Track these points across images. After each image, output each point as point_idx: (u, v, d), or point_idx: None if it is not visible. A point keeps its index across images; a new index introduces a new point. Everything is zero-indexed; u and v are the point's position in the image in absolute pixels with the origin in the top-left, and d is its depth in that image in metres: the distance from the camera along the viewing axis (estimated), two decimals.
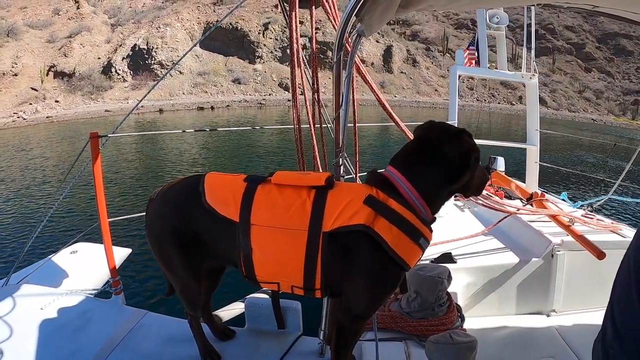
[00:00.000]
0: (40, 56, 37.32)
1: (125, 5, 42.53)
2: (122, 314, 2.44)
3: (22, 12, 43.41)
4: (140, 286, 5.18)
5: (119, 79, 34.33)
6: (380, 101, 2.25)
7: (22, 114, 33.30)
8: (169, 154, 15.11)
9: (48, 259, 3.51)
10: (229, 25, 37.70)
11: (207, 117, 28.07)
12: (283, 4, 2.05)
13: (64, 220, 8.26)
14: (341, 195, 1.31)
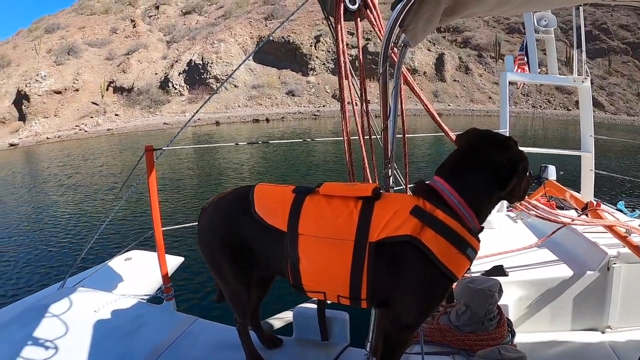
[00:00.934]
0: (100, 72, 39.95)
1: (179, 23, 45.07)
2: (173, 319, 2.56)
3: (81, 32, 46.77)
4: (191, 293, 5.36)
5: (176, 93, 36.26)
6: (428, 111, 2.28)
7: (84, 126, 35.73)
8: (223, 166, 15.55)
9: (103, 265, 3.73)
10: (282, 39, 38.96)
11: (262, 129, 28.82)
12: (329, 17, 2.14)
13: (120, 228, 8.69)
14: (388, 206, 1.36)
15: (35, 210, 12.31)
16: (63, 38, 45.82)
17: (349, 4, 2.00)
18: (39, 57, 43.69)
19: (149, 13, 48.96)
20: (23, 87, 40.21)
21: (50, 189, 15.46)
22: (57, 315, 2.68)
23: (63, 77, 40.01)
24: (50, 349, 2.34)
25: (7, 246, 9.00)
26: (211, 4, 47.84)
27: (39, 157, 27.50)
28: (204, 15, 46.01)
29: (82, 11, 53.35)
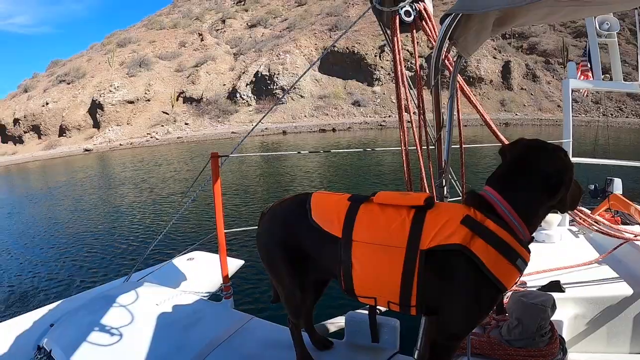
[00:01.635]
0: (170, 84, 42.36)
1: (245, 35, 47.14)
2: (230, 317, 2.70)
3: (152, 46, 49.95)
4: (249, 294, 5.59)
5: (244, 103, 37.85)
6: (485, 121, 2.30)
7: (155, 134, 37.96)
8: (286, 173, 16.04)
9: (167, 263, 3.96)
10: (346, 50, 39.68)
11: (328, 139, 29.20)
12: (385, 29, 2.19)
13: (184, 229, 9.09)
14: (439, 215, 1.41)
15: (107, 209, 13.32)
16: (134, 51, 49.10)
17: (404, 16, 2.05)
18: (112, 69, 46.97)
19: (215, 27, 51.74)
20: (97, 97, 43.30)
21: (122, 190, 16.76)
22: (122, 306, 2.93)
23: (135, 88, 42.76)
24: (114, 335, 2.56)
25: (81, 240, 9.79)
26: (275, 16, 49.70)
27: (112, 161, 29.73)
28: (269, 28, 47.77)
29: (151, 26, 57.09)
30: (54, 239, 10.45)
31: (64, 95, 47.48)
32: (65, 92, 47.94)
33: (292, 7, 51.84)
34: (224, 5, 57.39)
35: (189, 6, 60.38)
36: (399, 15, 2.04)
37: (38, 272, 8.19)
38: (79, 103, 45.75)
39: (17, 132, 50.04)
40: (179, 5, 63.48)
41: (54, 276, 7.81)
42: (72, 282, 7.39)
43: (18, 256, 9.48)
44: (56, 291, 7.04)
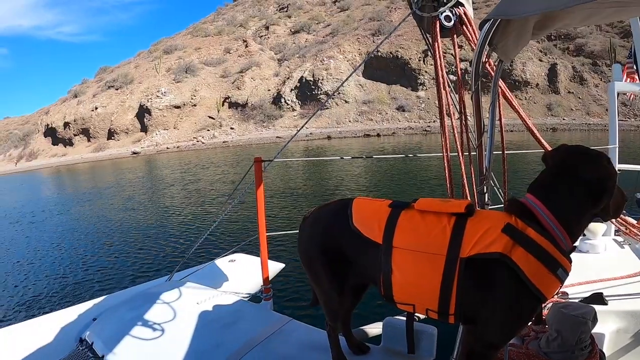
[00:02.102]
0: (216, 89, 43.85)
1: (289, 41, 48.18)
2: (268, 318, 2.75)
3: (197, 52, 51.74)
4: (288, 297, 5.67)
5: (288, 108, 38.78)
6: (527, 126, 2.27)
7: (201, 138, 39.38)
8: (329, 178, 16.18)
9: (209, 264, 4.06)
10: (390, 55, 39.97)
11: (373, 144, 29.35)
12: (425, 34, 2.21)
13: (226, 231, 9.28)
14: (480, 223, 1.41)
15: (153, 209, 13.82)
16: (181, 58, 51.03)
17: (444, 21, 2.08)
18: (159, 75, 48.97)
19: (259, 33, 53.13)
20: (145, 102, 45.29)
21: (168, 192, 17.46)
22: (163, 303, 3.07)
23: (182, 93, 44.50)
24: (155, 331, 2.69)
25: (126, 239, 10.23)
26: (318, 22, 50.56)
27: (159, 164, 31.05)
28: (313, 34, 48.68)
29: (196, 33, 59.22)
30: (100, 237, 11.02)
31: (112, 100, 49.85)
32: (113, 97, 50.33)
33: (335, 12, 52.53)
34: (267, 12, 58.84)
35: (233, 13, 62.31)
36: (439, 21, 2.08)
37: (83, 268, 8.66)
38: (127, 108, 47.93)
39: (67, 135, 52.88)
40: (222, 13, 65.70)
41: (99, 272, 8.25)
42: (116, 278, 7.75)
43: (66, 252, 10.06)
44: (100, 287, 7.44)
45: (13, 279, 8.67)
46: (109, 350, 2.57)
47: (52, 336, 2.98)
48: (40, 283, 8.17)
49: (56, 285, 7.89)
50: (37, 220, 15.03)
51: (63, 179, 32.90)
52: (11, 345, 2.92)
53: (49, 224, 14.03)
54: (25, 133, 67.76)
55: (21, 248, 11.28)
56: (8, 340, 3.00)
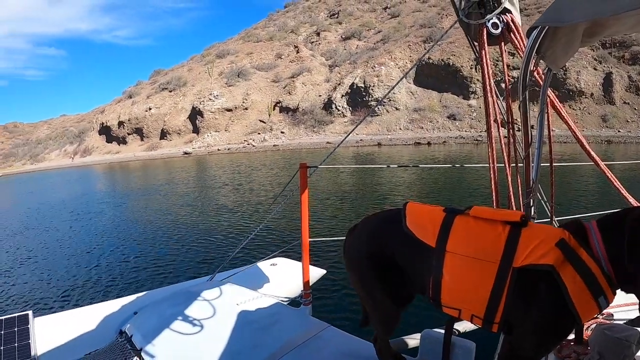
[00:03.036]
0: (267, 93, 45.48)
1: (340, 47, 49.27)
2: (306, 323, 2.80)
3: (249, 57, 53.72)
4: (328, 303, 5.73)
5: (339, 114, 39.77)
6: (577, 138, 2.20)
7: (252, 141, 40.89)
8: (376, 186, 16.12)
9: (250, 266, 4.18)
10: (441, 62, 39.86)
11: (423, 153, 29.13)
12: (473, 42, 2.22)
13: (270, 235, 9.44)
14: (535, 234, 1.42)
15: (199, 209, 14.25)
16: (233, 62, 53.25)
17: (491, 28, 2.07)
18: (211, 79, 51.13)
19: (310, 39, 54.63)
20: (197, 105, 47.45)
21: (216, 193, 18.00)
22: (203, 302, 3.17)
23: (233, 97, 46.43)
24: (193, 328, 2.79)
25: (171, 237, 10.66)
26: (369, 29, 51.35)
27: (209, 165, 32.36)
28: (363, 40, 49.50)
29: (248, 38, 61.42)
30: (146, 234, 11.51)
31: (165, 102, 52.41)
32: (167, 99, 52.90)
33: (385, 19, 53.09)
34: (317, 19, 60.31)
35: (284, 19, 64.16)
36: (487, 28, 2.08)
37: (128, 263, 9.05)
38: (179, 109, 50.33)
39: (121, 134, 55.97)
40: (274, 19, 67.71)
41: (142, 268, 8.57)
42: (158, 275, 8.01)
43: (114, 246, 10.64)
44: (142, 282, 7.73)
45: (64, 268, 9.28)
46: (147, 344, 2.70)
47: (94, 326, 3.17)
48: (86, 273, 8.71)
49: (101, 276, 8.37)
50: (91, 213, 16.36)
51: (116, 176, 35.06)
52: (56, 331, 3.13)
53: (101, 218, 15.03)
54: (81, 130, 72.02)
55: (74, 239, 12.14)
56: (54, 327, 3.24)
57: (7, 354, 2.87)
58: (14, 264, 10.22)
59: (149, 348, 2.67)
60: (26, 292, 8.00)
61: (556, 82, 32.30)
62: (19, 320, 3.24)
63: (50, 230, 13.93)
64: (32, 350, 2.88)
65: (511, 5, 2.10)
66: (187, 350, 2.60)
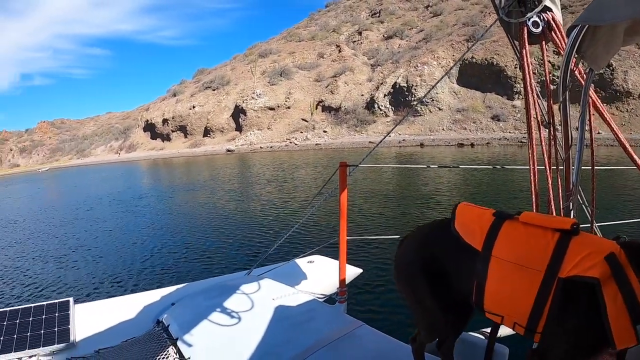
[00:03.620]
0: (309, 93, 46.62)
1: (382, 47, 49.94)
2: (341, 320, 2.83)
3: (291, 56, 54.90)
4: (362, 301, 5.77)
5: (381, 114, 40.36)
6: (619, 141, 2.16)
7: (294, 140, 42.13)
8: (417, 186, 16.05)
9: (287, 262, 4.22)
10: (485, 61, 39.36)
11: (466, 154, 28.79)
12: (513, 41, 2.17)
13: (307, 232, 9.59)
14: (584, 244, 1.37)
15: (240, 205, 14.75)
16: (275, 62, 54.60)
17: (532, 27, 2.04)
18: (254, 77, 52.75)
19: (352, 38, 55.50)
20: (240, 103, 49.07)
21: (256, 189, 18.54)
22: (240, 296, 3.24)
23: (276, 96, 47.80)
24: (229, 321, 2.87)
25: (211, 231, 11.02)
26: (411, 28, 51.62)
27: (251, 162, 33.48)
28: (406, 39, 49.85)
29: (290, 38, 62.84)
30: (187, 227, 11.99)
31: (209, 100, 54.36)
32: (210, 97, 54.86)
33: (428, 17, 53.09)
34: (359, 18, 60.98)
35: (326, 19, 65.27)
36: (527, 27, 2.04)
37: (168, 255, 9.37)
38: (223, 108, 52.15)
39: (166, 131, 58.27)
40: (315, 18, 69.03)
41: (182, 260, 8.87)
42: (197, 268, 8.24)
43: (155, 238, 11.12)
44: (180, 274, 7.96)
45: (107, 258, 9.77)
46: (183, 334, 2.77)
47: (132, 315, 3.27)
48: (128, 264, 9.09)
49: (142, 267, 8.72)
50: (136, 207, 17.33)
51: (160, 171, 36.68)
52: (95, 318, 3.26)
53: (145, 212, 15.84)
54: (126, 127, 75.06)
55: (119, 231, 12.86)
56: (93, 313, 3.37)
57: (47, 337, 3.01)
58: (62, 252, 10.95)
59: (185, 338, 2.75)
60: (70, 280, 8.51)
61: (603, 83, 31.60)
62: (60, 306, 3.37)
63: (98, 221, 14.86)
64: (71, 335, 3.01)
65: (552, 3, 2.07)
66: (222, 341, 2.68)
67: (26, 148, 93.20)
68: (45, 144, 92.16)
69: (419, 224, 6.78)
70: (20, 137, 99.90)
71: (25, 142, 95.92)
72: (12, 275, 9.33)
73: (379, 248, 7.81)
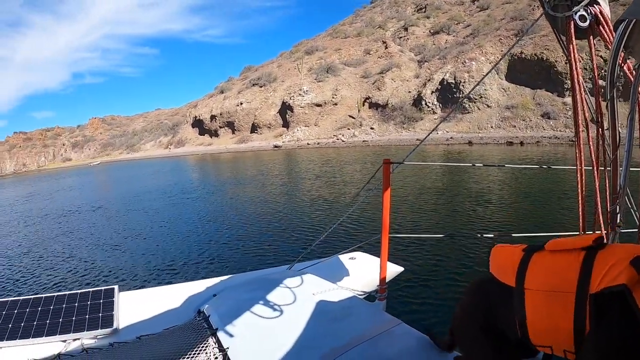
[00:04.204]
0: (356, 89, 47.39)
1: (429, 42, 50.12)
2: (379, 318, 2.84)
3: (337, 53, 55.80)
4: (402, 300, 5.82)
5: (429, 111, 40.71)
6: None
7: (341, 136, 43.09)
8: (462, 185, 15.84)
9: (329, 258, 4.27)
10: (534, 57, 38.85)
11: (516, 153, 28.20)
12: (559, 36, 2.11)
13: (350, 229, 9.62)
14: (610, 255, 1.35)
15: (284, 200, 15.10)
16: (321, 58, 55.76)
17: (579, 21, 1.99)
18: (301, 74, 53.96)
19: (398, 34, 55.89)
20: (287, 100, 50.44)
21: (302, 185, 18.92)
22: (280, 289, 3.30)
23: (323, 92, 48.89)
24: (268, 314, 2.93)
25: (254, 225, 11.39)
26: (458, 22, 51.54)
27: (298, 158, 34.47)
28: (452, 35, 49.90)
29: (336, 35, 63.88)
30: (233, 221, 12.34)
31: (256, 97, 56.05)
32: (257, 94, 56.54)
33: (474, 12, 52.78)
34: (405, 13, 61.21)
35: (371, 15, 65.77)
36: (574, 21, 1.98)
37: (212, 247, 9.68)
38: (270, 104, 53.70)
39: (213, 127, 60.46)
40: (360, 14, 69.71)
41: (225, 253, 9.13)
42: (240, 261, 8.44)
43: (200, 230, 11.58)
44: (223, 266, 8.20)
45: (155, 248, 10.22)
46: (224, 325, 2.84)
47: (174, 304, 3.36)
48: (173, 255, 9.45)
49: (186, 258, 9.04)
50: (184, 199, 18.18)
51: (208, 166, 38.25)
52: (138, 306, 3.38)
53: (193, 205, 16.57)
54: (175, 123, 78.14)
55: (167, 223, 13.41)
56: (136, 302, 3.47)
57: (92, 322, 3.11)
58: (111, 241, 11.70)
59: (225, 328, 2.82)
60: (116, 268, 9.02)
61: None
62: (105, 293, 3.46)
63: (147, 213, 15.77)
64: (114, 321, 3.11)
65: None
66: (261, 333, 2.75)
67: (78, 143, 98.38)
68: (96, 139, 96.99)
69: (464, 224, 8.54)
70: (72, 132, 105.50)
71: (77, 137, 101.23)
72: (63, 262, 10.10)
73: (421, 247, 7.91)
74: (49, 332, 3.05)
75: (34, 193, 33.28)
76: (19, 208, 23.92)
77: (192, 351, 2.65)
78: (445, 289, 6.17)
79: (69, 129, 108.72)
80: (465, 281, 6.31)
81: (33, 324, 3.16)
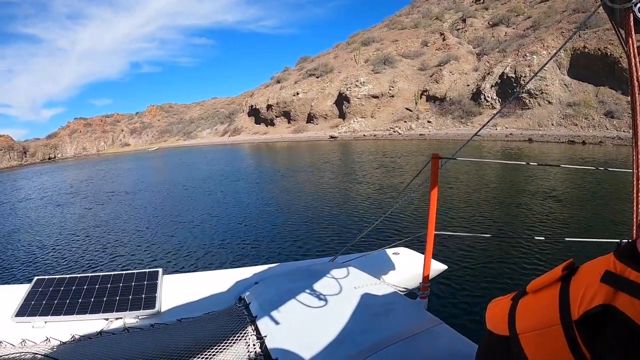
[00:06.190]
0: (413, 82, 48.02)
1: (487, 35, 49.77)
2: (420, 316, 2.85)
3: (395, 44, 56.42)
4: (444, 299, 5.70)
5: (488, 105, 40.58)
6: None
7: (398, 129, 43.97)
8: (517, 184, 15.43)
9: (373, 252, 4.28)
10: (597, 52, 37.59)
11: (576, 152, 27.37)
12: (618, 29, 2.03)
13: (395, 224, 9.61)
14: (581, 279, 1.33)
15: (333, 191, 15.23)
16: (378, 50, 56.50)
17: (638, 13, 1.88)
18: (357, 66, 54.98)
19: (456, 26, 55.74)
20: (344, 90, 51.57)
21: (353, 176, 18.97)
22: (322, 281, 3.36)
23: (380, 84, 49.79)
24: (308, 304, 3.01)
25: (301, 216, 11.43)
26: (517, 14, 50.66)
27: (354, 149, 35.01)
28: (512, 27, 49.16)
29: (393, 26, 64.27)
30: (280, 209, 12.51)
31: (312, 87, 57.48)
32: (314, 84, 57.94)
33: (534, 3, 51.63)
34: (462, 4, 60.83)
35: (428, 6, 65.68)
36: (634, 13, 1.86)
37: (257, 234, 9.83)
38: (326, 95, 55.03)
39: (269, 116, 62.49)
40: (417, 5, 69.54)
41: (270, 241, 9.20)
42: (284, 250, 8.48)
43: (250, 217, 11.82)
44: (266, 255, 8.24)
45: (201, 233, 10.49)
46: (263, 312, 2.90)
47: (215, 290, 3.44)
48: (219, 241, 9.59)
49: (231, 244, 9.16)
50: (237, 186, 18.63)
51: (263, 154, 39.66)
52: (181, 290, 3.46)
53: (244, 191, 17.12)
54: (231, 112, 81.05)
55: (216, 208, 13.79)
56: (179, 285, 3.58)
57: (135, 303, 3.19)
58: (161, 224, 12.06)
59: (264, 316, 2.86)
60: (162, 251, 9.18)
61: None
62: (149, 275, 3.54)
63: (199, 198, 16.26)
64: (157, 303, 3.19)
65: None
66: (300, 323, 2.76)
67: (136, 129, 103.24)
68: (154, 126, 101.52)
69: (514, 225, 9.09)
70: (131, 119, 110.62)
71: (135, 123, 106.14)
72: (113, 243, 10.52)
73: (467, 245, 7.86)
74: (93, 309, 3.19)
75: (92, 176, 35.48)
76: (82, 189, 25.83)
77: (231, 337, 2.74)
78: (490, 292, 5.96)
79: (127, 115, 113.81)
80: (514, 285, 6.23)
81: (78, 302, 3.28)
